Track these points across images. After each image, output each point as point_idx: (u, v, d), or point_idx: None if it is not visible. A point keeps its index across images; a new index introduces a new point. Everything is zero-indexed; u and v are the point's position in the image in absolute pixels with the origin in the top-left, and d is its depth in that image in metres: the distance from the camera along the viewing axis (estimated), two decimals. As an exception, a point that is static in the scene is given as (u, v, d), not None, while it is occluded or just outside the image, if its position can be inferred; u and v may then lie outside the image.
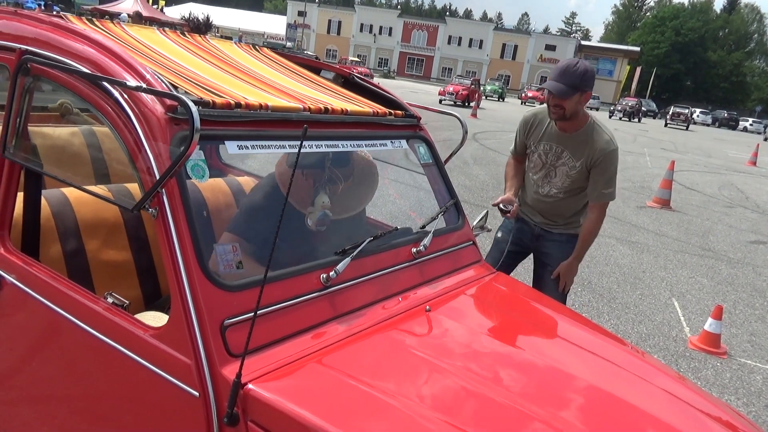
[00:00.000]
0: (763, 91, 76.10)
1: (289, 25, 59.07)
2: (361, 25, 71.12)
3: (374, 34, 70.59)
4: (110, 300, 1.45)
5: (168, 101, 1.40)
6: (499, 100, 39.70)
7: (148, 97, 1.41)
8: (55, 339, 1.57)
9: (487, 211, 2.54)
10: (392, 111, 2.16)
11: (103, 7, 25.51)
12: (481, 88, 34.48)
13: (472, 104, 25.40)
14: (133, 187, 2.22)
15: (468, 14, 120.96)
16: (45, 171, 1.74)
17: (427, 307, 1.75)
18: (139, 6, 26.10)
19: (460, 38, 69.15)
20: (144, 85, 1.40)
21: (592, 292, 5.28)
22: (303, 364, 1.36)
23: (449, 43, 69.41)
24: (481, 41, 68.94)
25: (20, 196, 1.77)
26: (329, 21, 72.53)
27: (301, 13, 66.00)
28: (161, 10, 34.89)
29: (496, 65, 68.06)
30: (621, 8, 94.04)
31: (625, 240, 7.30)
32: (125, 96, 1.45)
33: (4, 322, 1.69)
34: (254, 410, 1.23)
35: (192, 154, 1.28)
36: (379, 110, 2.09)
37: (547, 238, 3.00)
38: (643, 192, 10.93)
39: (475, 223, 2.40)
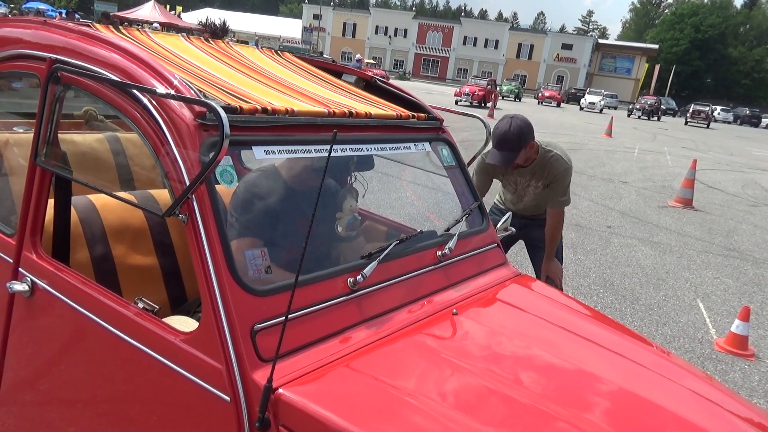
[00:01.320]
0: (786, 87, 74.70)
1: (304, 29, 59.40)
2: (376, 27, 71.21)
3: (389, 36, 70.65)
4: (141, 305, 1.47)
5: (197, 108, 1.41)
6: (515, 100, 39.46)
7: (176, 104, 1.42)
8: (86, 343, 1.59)
9: (510, 213, 2.53)
10: (415, 114, 2.15)
11: (122, 14, 25.87)
12: (498, 89, 34.32)
13: (489, 105, 25.32)
14: (157, 193, 2.25)
15: (483, 14, 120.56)
16: (75, 178, 1.76)
17: (454, 310, 1.74)
18: (156, 12, 26.43)
19: (476, 39, 68.92)
20: (173, 92, 1.41)
21: (615, 293, 5.22)
22: (332, 368, 1.36)
23: (464, 43, 69.22)
24: (497, 41, 68.63)
25: (50, 203, 1.80)
26: (344, 24, 72.75)
27: (316, 17, 66.32)
28: (179, 15, 35.35)
29: (512, 65, 67.69)
30: (639, 5, 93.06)
31: (647, 240, 7.21)
32: (154, 103, 1.46)
33: (36, 326, 1.72)
34: (285, 415, 1.23)
35: (221, 160, 1.29)
36: (402, 113, 2.09)
37: (533, 225, 3.40)
38: (664, 191, 10.79)
39: (499, 225, 2.38)
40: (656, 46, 67.33)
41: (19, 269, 1.71)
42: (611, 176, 11.78)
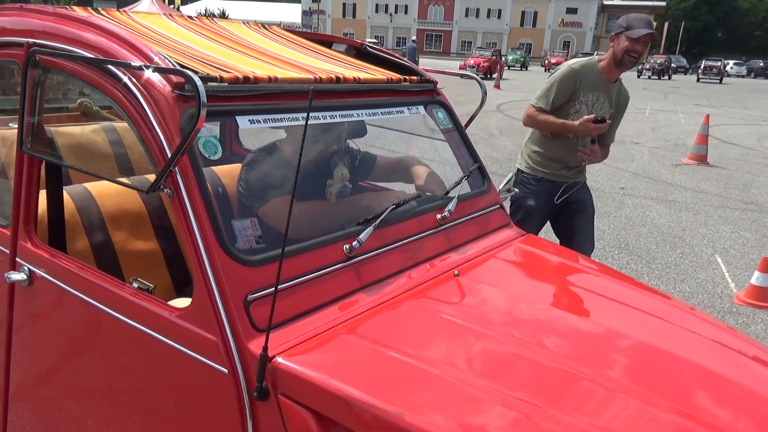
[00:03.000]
0: (801, 36, 72.67)
1: (304, 12, 58.90)
2: (377, 5, 70.39)
3: (390, 14, 69.83)
4: (135, 285, 1.45)
5: (175, 79, 1.38)
6: (521, 69, 38.88)
7: (155, 78, 1.39)
8: (86, 328, 1.59)
9: (513, 174, 2.47)
10: (407, 77, 2.10)
11: (121, 11, 25.75)
12: (503, 59, 33.81)
13: (495, 75, 24.95)
14: (152, 177, 2.23)
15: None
16: (64, 163, 1.74)
17: (456, 271, 1.71)
18: (155, 7, 26.32)
19: (478, 9, 67.80)
20: (147, 64, 1.38)
21: (630, 254, 5.14)
22: (332, 335, 1.33)
23: (467, 15, 68.17)
24: (500, 11, 67.46)
25: (42, 193, 1.79)
26: (344, 4, 72.01)
27: (315, 0, 65.71)
28: (177, 8, 35.19)
29: (517, 34, 66.56)
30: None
31: (661, 199, 7.08)
32: (133, 79, 1.43)
33: (38, 315, 1.71)
34: (284, 383, 1.21)
35: (201, 129, 1.25)
36: (393, 77, 2.03)
37: (577, 188, 3.11)
38: (678, 150, 10.58)
39: (501, 186, 2.32)
40: (663, 3, 65.65)
41: (16, 259, 1.71)
42: (622, 138, 11.56)
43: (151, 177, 2.24)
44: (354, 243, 1.54)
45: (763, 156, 10.53)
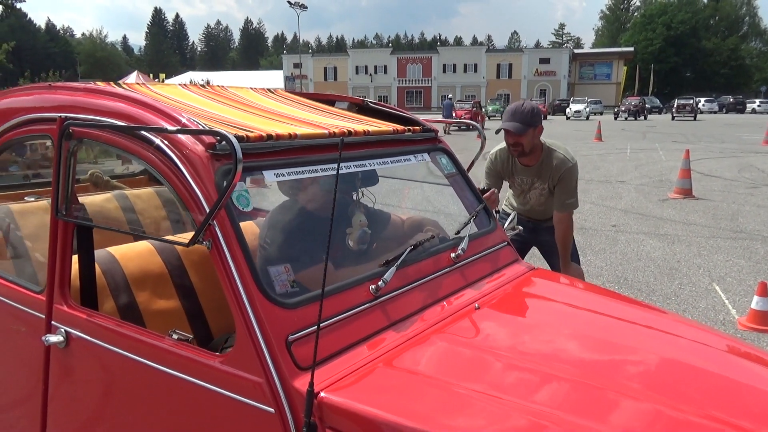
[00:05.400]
0: (765, 71, 75.67)
1: (286, 78, 60.55)
2: (356, 67, 72.59)
3: (370, 74, 71.92)
4: (175, 337, 1.51)
5: (206, 139, 1.49)
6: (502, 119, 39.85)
7: (187, 139, 1.50)
8: (127, 382, 1.63)
9: (515, 213, 2.59)
10: (410, 128, 2.23)
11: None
12: (483, 110, 34.76)
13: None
14: (171, 238, 2.31)
15: (459, 41, 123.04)
16: (97, 224, 1.82)
17: (476, 304, 1.78)
18: (141, 80, 27.01)
19: (455, 65, 70.15)
20: (182, 128, 1.49)
21: (630, 287, 5.22)
22: (368, 369, 1.39)
23: (444, 71, 70.42)
24: (476, 65, 69.81)
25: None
26: (325, 68, 74.17)
27: (296, 65, 67.70)
28: (163, 82, 36.07)
29: (494, 85, 68.68)
30: (608, 12, 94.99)
31: (653, 233, 7.23)
32: (165, 142, 1.53)
33: (75, 375, 1.75)
34: (330, 417, 1.26)
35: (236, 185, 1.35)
36: (397, 128, 2.17)
37: (542, 229, 3.41)
38: (662, 185, 10.86)
39: (506, 225, 2.43)
40: (631, 49, 68.47)
41: (52, 322, 1.76)
42: (608, 177, 11.86)
43: (169, 237, 2.34)
44: (379, 283, 1.62)
45: (745, 186, 10.81)
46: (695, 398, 1.39)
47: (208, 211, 1.41)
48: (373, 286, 1.62)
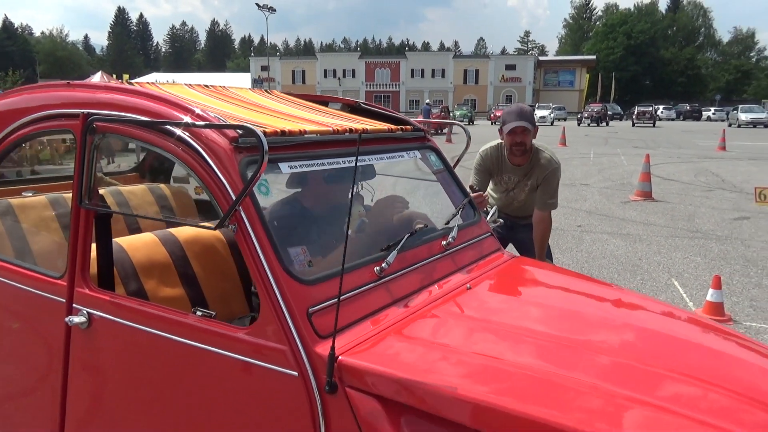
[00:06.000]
0: (719, 80, 78.76)
1: (254, 81, 60.19)
2: (325, 71, 72.67)
3: (338, 78, 72.09)
4: (199, 313, 1.66)
5: (230, 133, 1.64)
6: (469, 123, 40.58)
7: (214, 133, 1.65)
8: (154, 358, 1.76)
9: (496, 208, 2.80)
10: (402, 127, 2.42)
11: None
12: (451, 115, 35.31)
13: (445, 131, 26.03)
14: (173, 231, 2.45)
15: (426, 47, 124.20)
16: (117, 211, 1.93)
17: (468, 285, 1.98)
18: (105, 81, 26.50)
19: (423, 70, 70.94)
20: (210, 122, 1.64)
21: (596, 283, 5.52)
22: (383, 336, 1.57)
23: (412, 76, 71.13)
24: (443, 70, 70.75)
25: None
26: (293, 71, 74.02)
27: (264, 68, 67.26)
28: (127, 82, 35.40)
29: (461, 91, 69.69)
30: (571, 21, 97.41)
31: (616, 233, 7.60)
32: (188, 134, 1.68)
33: (98, 354, 1.87)
34: (349, 377, 1.43)
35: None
36: (391, 127, 2.35)
37: (521, 227, 3.60)
38: (624, 188, 11.33)
39: (488, 218, 2.64)
40: (593, 57, 70.42)
41: (74, 305, 1.88)
42: (572, 181, 12.30)
43: (170, 230, 2.47)
44: (383, 265, 1.80)
45: (701, 189, 11.37)
46: (663, 355, 1.61)
47: (234, 198, 1.57)
48: (378, 268, 1.80)
